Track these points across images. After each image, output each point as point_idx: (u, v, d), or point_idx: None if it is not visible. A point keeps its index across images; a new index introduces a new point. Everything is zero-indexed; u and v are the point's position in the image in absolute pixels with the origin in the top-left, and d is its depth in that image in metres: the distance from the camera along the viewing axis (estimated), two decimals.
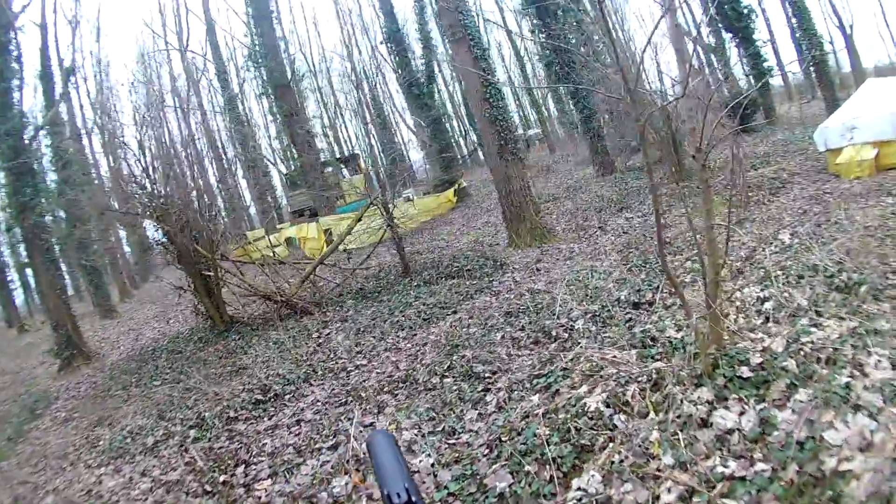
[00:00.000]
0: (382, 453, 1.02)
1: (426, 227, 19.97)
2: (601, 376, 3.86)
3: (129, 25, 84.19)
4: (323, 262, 11.75)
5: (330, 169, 28.51)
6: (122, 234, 29.84)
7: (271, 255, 14.94)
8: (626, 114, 16.04)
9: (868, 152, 9.76)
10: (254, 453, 4.92)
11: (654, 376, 3.53)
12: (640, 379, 3.58)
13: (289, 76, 22.88)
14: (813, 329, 3.65)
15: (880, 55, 29.84)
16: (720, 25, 21.93)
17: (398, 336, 7.41)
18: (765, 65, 21.14)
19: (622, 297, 6.14)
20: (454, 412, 4.55)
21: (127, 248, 35.25)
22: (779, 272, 4.95)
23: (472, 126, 36.62)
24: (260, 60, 22.18)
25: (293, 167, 30.59)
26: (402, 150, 38.47)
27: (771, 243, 6.44)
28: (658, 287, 6.01)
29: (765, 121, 21.18)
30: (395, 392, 5.49)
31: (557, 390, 4.02)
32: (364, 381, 6.03)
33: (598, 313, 5.85)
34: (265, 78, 23.08)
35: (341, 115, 44.29)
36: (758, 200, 9.65)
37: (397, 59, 26.57)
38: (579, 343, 4.96)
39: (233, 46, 33.49)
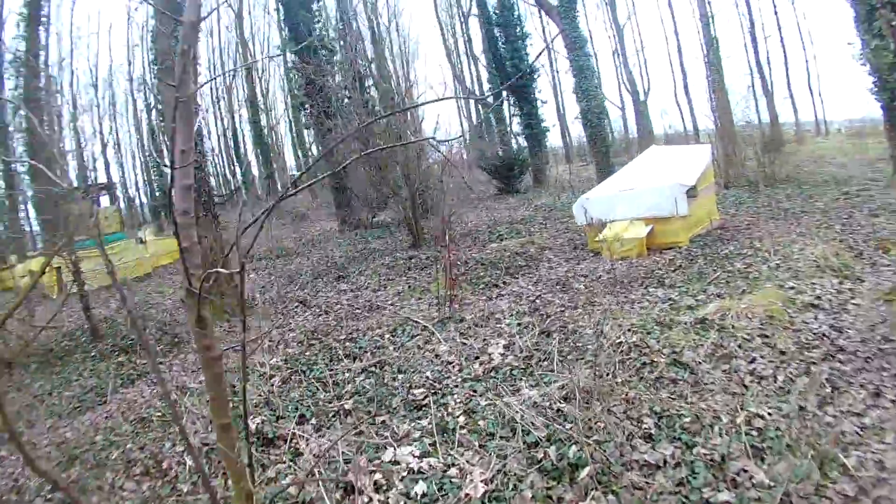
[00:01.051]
0: None
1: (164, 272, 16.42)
2: None
3: None
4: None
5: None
6: None
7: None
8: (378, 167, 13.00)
9: (639, 230, 7.44)
10: None
11: None
12: None
13: None
14: None
15: (674, 121, 30.95)
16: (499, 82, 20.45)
17: None
18: (542, 125, 19.90)
19: None
20: None
21: None
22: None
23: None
24: None
25: None
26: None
27: (463, 367, 4.51)
28: None
29: (531, 183, 19.88)
30: None
31: None
32: None
33: None
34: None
35: None
36: (487, 283, 6.91)
37: None
38: None
39: None
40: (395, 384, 4.34)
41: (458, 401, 3.86)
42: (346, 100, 15.34)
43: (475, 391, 3.96)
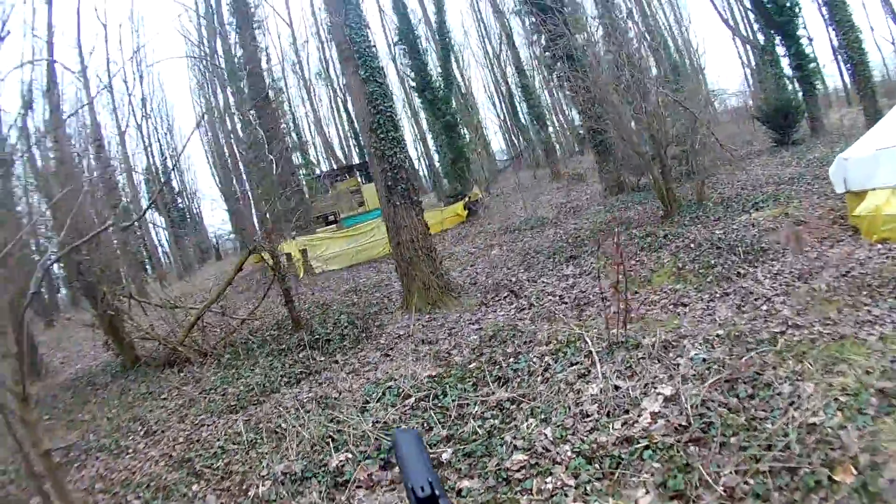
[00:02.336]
0: (407, 450, 1.00)
1: None
2: None
3: None
4: (210, 308, 9.69)
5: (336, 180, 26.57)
6: None
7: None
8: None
9: None
10: None
11: None
12: None
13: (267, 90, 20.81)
14: None
15: None
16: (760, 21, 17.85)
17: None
18: (811, 66, 16.92)
19: None
20: None
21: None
22: None
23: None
24: (239, 73, 20.17)
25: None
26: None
27: (596, 428, 3.63)
28: None
29: (809, 132, 17.09)
30: None
31: None
32: None
33: None
34: (245, 92, 21.00)
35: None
36: (718, 276, 6.48)
37: (410, 61, 24.00)
38: None
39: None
40: (505, 437, 3.77)
41: (546, 491, 3.11)
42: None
43: (578, 480, 3.11)
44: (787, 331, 4.51)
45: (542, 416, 3.90)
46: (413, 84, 24.66)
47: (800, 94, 17.34)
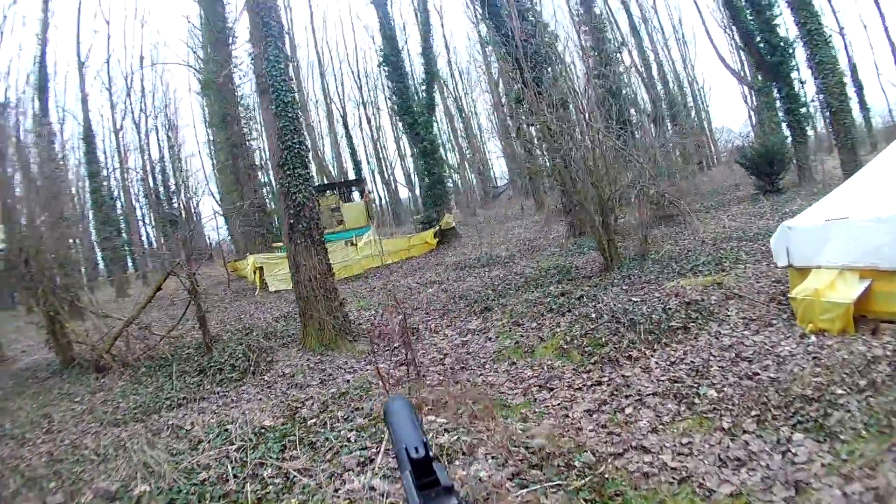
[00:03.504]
0: (399, 415, 0.94)
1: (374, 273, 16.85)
2: None
3: None
4: (133, 321, 9.31)
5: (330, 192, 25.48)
6: None
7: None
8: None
9: (847, 288, 4.74)
10: None
11: None
12: None
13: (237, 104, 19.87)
14: None
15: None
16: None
17: None
18: (801, 110, 15.24)
19: None
20: None
21: None
22: None
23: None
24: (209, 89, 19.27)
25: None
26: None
27: None
28: None
29: (797, 180, 15.43)
30: None
31: None
32: None
33: None
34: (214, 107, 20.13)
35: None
36: (603, 357, 5.21)
37: (393, 83, 22.90)
38: None
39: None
40: None
41: None
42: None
43: None
44: (626, 453, 3.55)
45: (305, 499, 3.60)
46: (395, 107, 23.51)
47: (786, 139, 15.70)
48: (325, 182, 30.90)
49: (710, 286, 6.43)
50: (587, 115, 9.46)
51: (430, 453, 0.83)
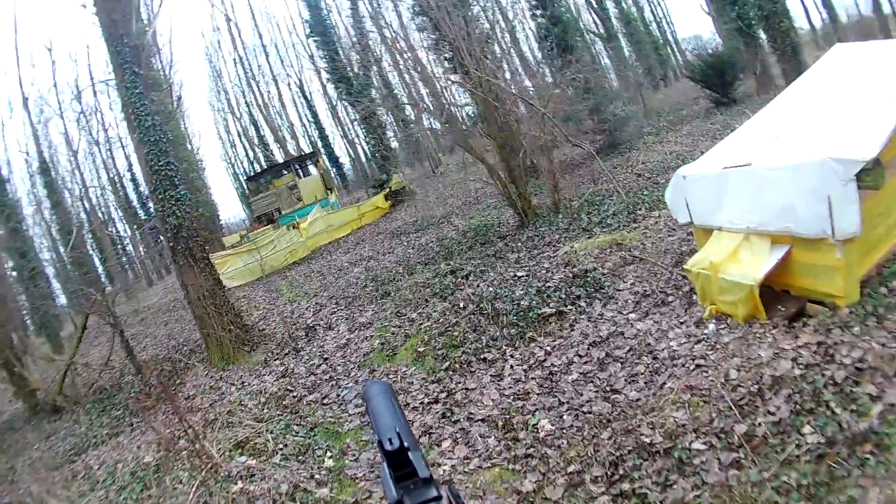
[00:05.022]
0: (377, 401, 0.88)
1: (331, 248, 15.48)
2: None
3: None
4: (72, 361, 9.06)
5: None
6: None
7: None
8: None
9: (755, 261, 3.26)
10: None
11: None
12: None
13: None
14: None
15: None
16: None
17: None
18: (750, 13, 13.13)
19: None
20: None
21: None
22: None
23: None
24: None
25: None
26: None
27: None
28: None
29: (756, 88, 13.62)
30: None
31: None
32: None
33: None
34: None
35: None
36: (459, 362, 4.33)
37: (324, 53, 21.16)
38: None
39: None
40: None
41: None
42: None
43: None
44: None
45: None
46: (328, 76, 21.76)
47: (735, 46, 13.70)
48: (281, 161, 29.06)
49: (608, 247, 4.98)
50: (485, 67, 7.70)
51: (406, 443, 0.75)
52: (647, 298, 3.97)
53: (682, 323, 3.46)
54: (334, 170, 31.44)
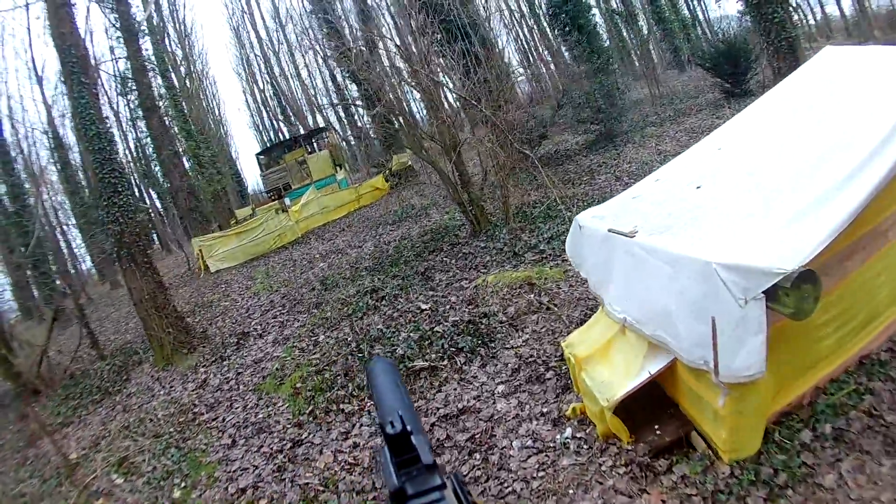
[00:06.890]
0: (380, 381, 0.80)
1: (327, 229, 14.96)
2: None
3: None
4: (45, 348, 9.23)
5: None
6: None
7: None
8: None
9: (629, 361, 2.48)
10: None
11: None
12: None
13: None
14: None
15: None
16: None
17: None
18: None
19: None
20: None
21: None
22: None
23: None
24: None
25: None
26: None
27: None
28: None
29: (772, 77, 12.25)
30: None
31: None
32: None
33: None
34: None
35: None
36: (329, 409, 3.82)
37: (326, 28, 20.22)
38: None
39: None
40: None
41: None
42: None
43: None
44: None
45: None
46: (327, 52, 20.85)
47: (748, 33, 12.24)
48: (284, 138, 28.51)
49: (520, 286, 4.19)
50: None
51: (409, 426, 0.65)
52: (527, 367, 3.23)
53: (543, 414, 2.72)
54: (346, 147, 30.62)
